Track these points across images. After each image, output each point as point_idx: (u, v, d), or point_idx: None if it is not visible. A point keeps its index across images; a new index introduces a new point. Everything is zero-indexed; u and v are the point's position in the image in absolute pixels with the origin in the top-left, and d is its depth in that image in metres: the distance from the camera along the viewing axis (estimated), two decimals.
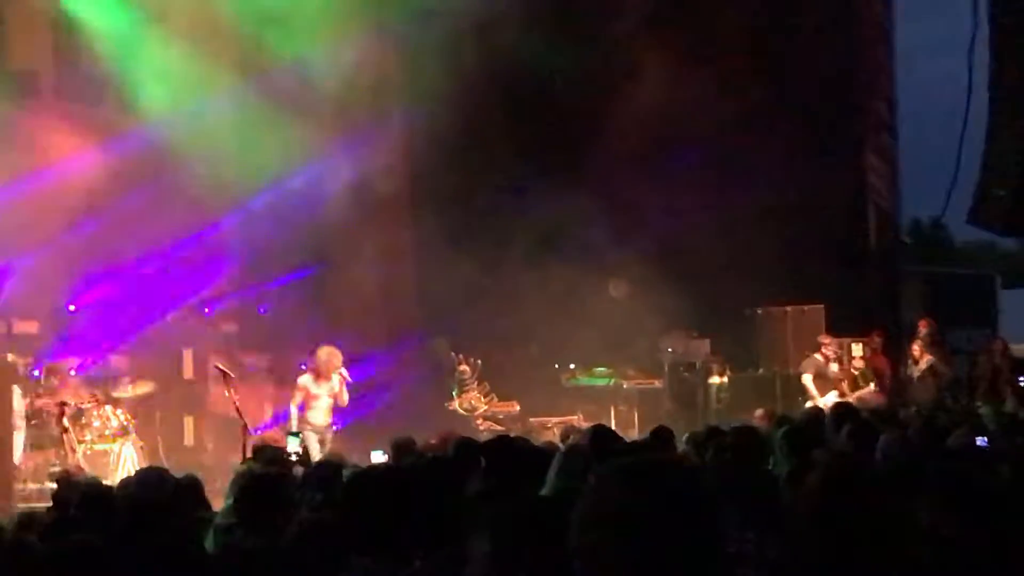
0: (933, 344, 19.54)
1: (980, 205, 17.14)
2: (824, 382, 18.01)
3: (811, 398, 17.57)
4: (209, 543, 6.13)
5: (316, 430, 14.97)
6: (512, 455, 7.70)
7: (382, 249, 19.47)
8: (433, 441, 10.78)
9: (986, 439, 8.88)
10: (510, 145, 19.50)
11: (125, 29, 17.44)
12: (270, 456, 10.17)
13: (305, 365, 17.12)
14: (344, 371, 15.28)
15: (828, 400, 17.00)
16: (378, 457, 11.68)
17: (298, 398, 15.15)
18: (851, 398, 17.66)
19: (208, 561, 5.32)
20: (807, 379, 18.06)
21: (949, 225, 47.01)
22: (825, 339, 18.48)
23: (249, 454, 12.37)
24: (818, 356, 18.24)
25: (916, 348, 19.34)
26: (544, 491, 6.56)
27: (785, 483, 6.88)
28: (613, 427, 13.44)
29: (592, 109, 19.90)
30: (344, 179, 18.15)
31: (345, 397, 15.35)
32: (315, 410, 15.11)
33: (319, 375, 15.20)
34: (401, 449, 10.34)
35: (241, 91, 17.42)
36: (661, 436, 9.81)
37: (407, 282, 20.05)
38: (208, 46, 16.87)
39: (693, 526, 2.40)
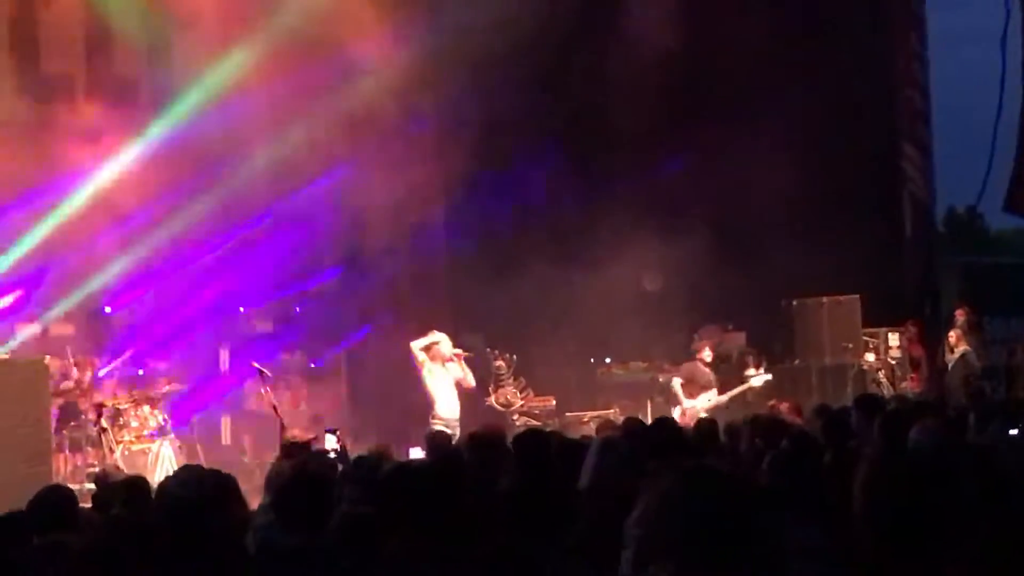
0: (970, 332, 19.43)
1: (1016, 193, 17.05)
2: (693, 387, 17.56)
3: (675, 403, 17.18)
4: (248, 542, 6.13)
5: (447, 424, 14.14)
6: (546, 448, 7.70)
7: (414, 244, 19.49)
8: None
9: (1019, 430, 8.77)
10: (543, 135, 19.47)
11: (157, 30, 17.49)
12: (301, 453, 10.18)
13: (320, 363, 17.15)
14: (460, 351, 14.81)
15: (698, 404, 16.70)
16: (416, 455, 11.69)
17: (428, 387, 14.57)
18: (887, 386, 17.54)
19: (248, 559, 5.31)
20: (675, 384, 17.52)
21: (985, 213, 46.79)
22: (700, 345, 17.96)
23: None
24: (696, 363, 17.61)
25: (953, 336, 19.23)
26: (582, 484, 6.54)
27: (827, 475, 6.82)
28: (649, 421, 13.37)
29: (625, 99, 19.81)
30: (375, 177, 18.15)
31: (471, 379, 14.88)
32: (440, 402, 14.54)
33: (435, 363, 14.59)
34: (437, 445, 10.34)
35: (273, 90, 17.43)
36: (703, 429, 9.77)
37: (440, 278, 20.05)
38: (240, 46, 16.89)
39: (744, 530, 2.41)
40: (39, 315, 16.83)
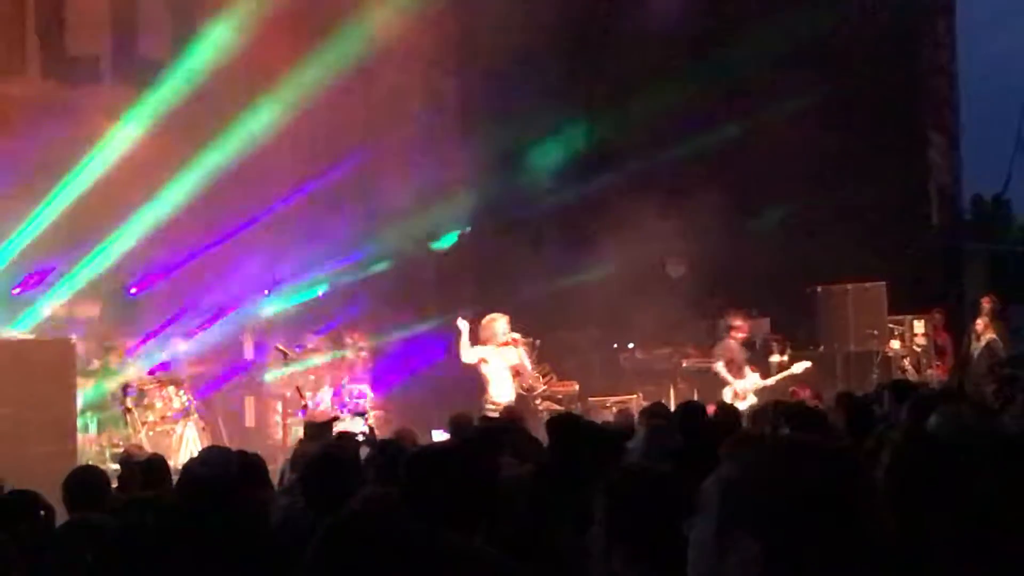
0: (995, 320, 19.35)
1: None
2: (736, 367, 17.39)
3: (726, 383, 17.02)
4: (272, 521, 6.16)
5: (498, 409, 13.35)
6: (578, 432, 7.69)
7: (437, 229, 19.53)
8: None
9: None
10: (566, 118, 19.47)
11: (184, 17, 17.52)
12: (322, 432, 10.21)
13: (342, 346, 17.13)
14: (517, 335, 14.36)
15: (747, 384, 16.60)
16: (439, 437, 11.71)
17: (483, 371, 14.11)
18: (912, 372, 17.51)
19: (274, 537, 5.33)
20: (719, 367, 17.41)
21: (1012, 201, 46.44)
22: (735, 321, 17.79)
23: (300, 432, 12.46)
24: (730, 341, 17.42)
25: (980, 324, 19.16)
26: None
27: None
28: (673, 407, 13.36)
29: (648, 82, 19.78)
30: (399, 161, 18.16)
31: (527, 364, 14.47)
32: (493, 385, 14.11)
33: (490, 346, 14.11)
34: (460, 426, 10.35)
35: (300, 74, 17.43)
36: (727, 413, 9.77)
37: (464, 261, 20.06)
38: (265, 31, 16.90)
39: (860, 507, 2.35)
40: (65, 295, 16.90)
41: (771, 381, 16.88)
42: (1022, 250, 34.14)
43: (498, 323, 14.21)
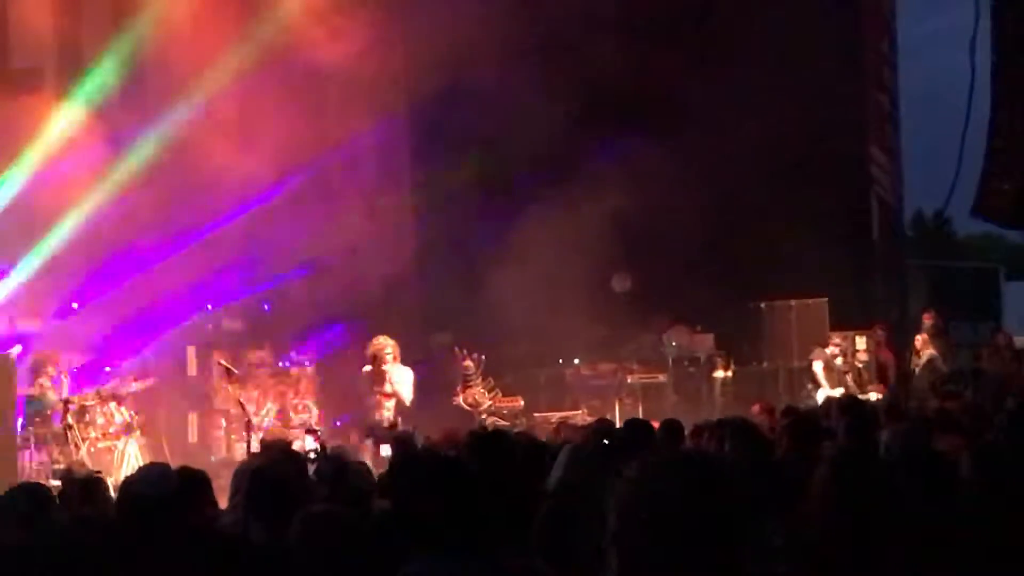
0: (936, 336, 19.53)
1: (984, 198, 17.15)
2: (832, 375, 17.93)
3: (820, 386, 17.50)
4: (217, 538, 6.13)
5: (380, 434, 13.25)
6: (507, 449, 7.71)
7: (383, 243, 19.47)
8: (435, 438, 10.74)
9: None
10: (511, 142, 19.49)
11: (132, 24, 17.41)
12: (279, 452, 10.16)
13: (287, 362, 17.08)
14: (390, 367, 13.58)
15: (837, 392, 16.95)
16: (386, 451, 11.71)
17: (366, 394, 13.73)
18: (852, 387, 17.72)
19: (216, 556, 5.31)
20: (818, 367, 17.92)
21: (953, 218, 47.06)
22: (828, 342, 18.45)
23: (254, 449, 12.39)
24: (827, 350, 18.15)
25: (919, 340, 19.33)
26: (549, 484, 6.56)
27: (791, 475, 6.86)
28: (618, 422, 13.43)
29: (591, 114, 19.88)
30: (346, 174, 18.14)
31: (405, 393, 13.57)
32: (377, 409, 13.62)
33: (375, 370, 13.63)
34: (402, 444, 10.36)
35: (246, 93, 17.38)
36: (672, 429, 9.78)
37: (409, 277, 20.05)
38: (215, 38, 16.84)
39: (728, 517, 2.43)
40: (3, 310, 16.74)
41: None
42: (963, 266, 34.56)
43: (386, 348, 13.67)
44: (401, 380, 13.63)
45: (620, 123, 19.32)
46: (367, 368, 13.69)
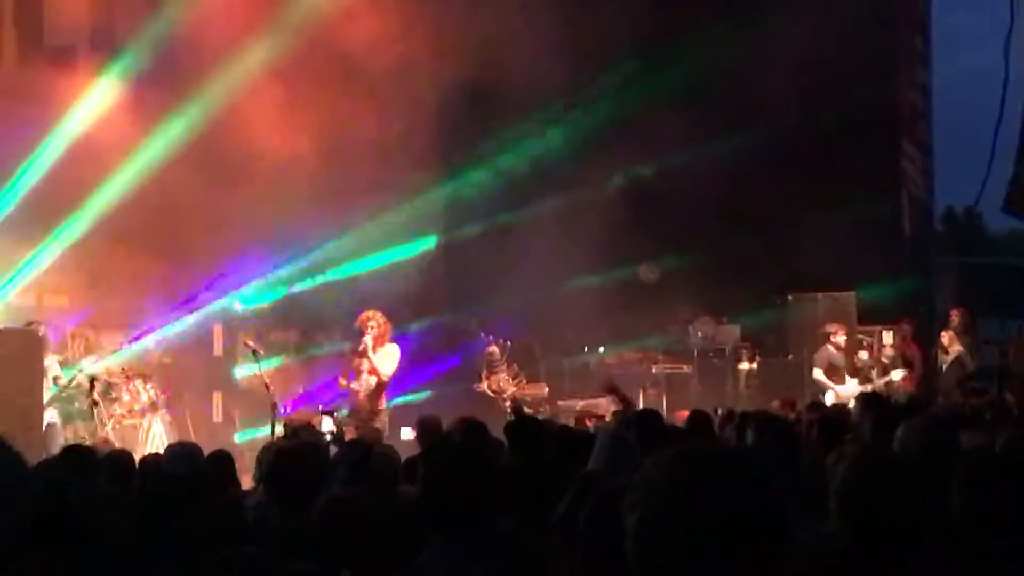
0: (963, 333, 19.45)
1: (1014, 194, 17.05)
2: (838, 373, 17.76)
3: (827, 389, 17.35)
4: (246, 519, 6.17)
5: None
6: (538, 435, 7.72)
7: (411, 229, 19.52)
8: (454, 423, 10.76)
9: None
10: (540, 120, 19.52)
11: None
12: (302, 434, 10.20)
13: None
14: (369, 338, 13.90)
15: (848, 389, 16.86)
16: (407, 434, 11.75)
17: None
18: (879, 384, 17.63)
19: (242, 536, 5.33)
20: (818, 374, 17.77)
21: (983, 214, 46.81)
22: (832, 327, 18.24)
23: (278, 431, 12.44)
24: (829, 347, 17.97)
25: (947, 337, 19.26)
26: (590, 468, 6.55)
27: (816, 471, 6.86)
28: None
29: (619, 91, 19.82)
30: (375, 157, 18.13)
31: (385, 369, 13.87)
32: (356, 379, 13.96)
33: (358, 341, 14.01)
34: (427, 428, 10.38)
35: (278, 69, 17.41)
36: (699, 421, 9.78)
37: (437, 262, 20.06)
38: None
39: (753, 511, 2.38)
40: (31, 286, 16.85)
41: (869, 387, 17.01)
42: (992, 262, 34.36)
43: (370, 321, 13.99)
44: (385, 356, 13.91)
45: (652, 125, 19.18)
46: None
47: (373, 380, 13.92)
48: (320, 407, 15.04)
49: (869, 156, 20.90)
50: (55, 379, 14.94)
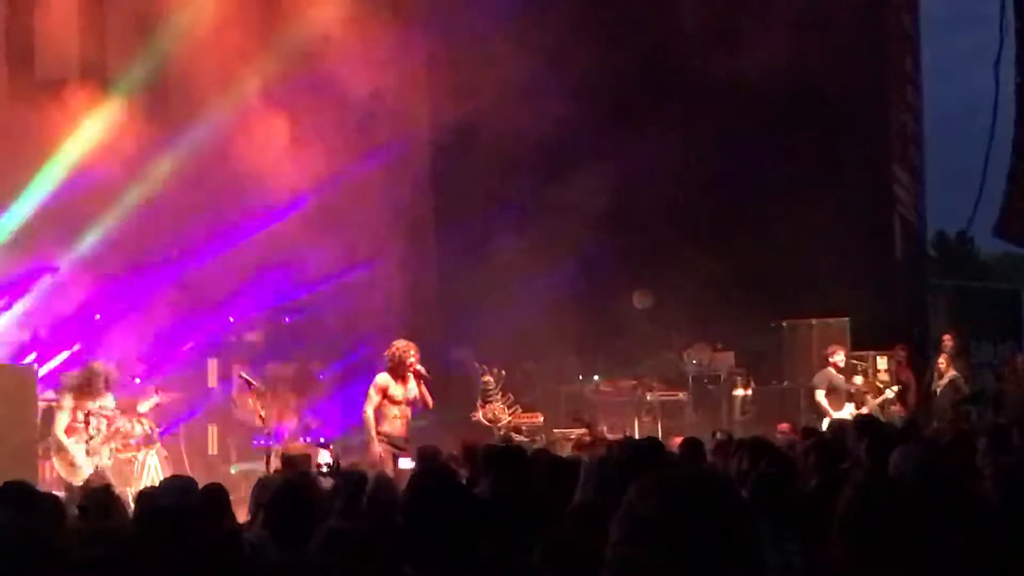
0: (956, 357, 19.48)
1: (1006, 218, 17.13)
2: (837, 396, 17.71)
3: (825, 414, 17.25)
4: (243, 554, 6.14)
5: (394, 442, 13.09)
6: (523, 464, 7.71)
7: (405, 258, 19.51)
8: (455, 453, 10.77)
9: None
10: (533, 157, 19.53)
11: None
12: (297, 467, 10.19)
13: (323, 375, 17.05)
14: (420, 367, 13.33)
15: (844, 414, 16.83)
16: (406, 464, 11.72)
17: (374, 401, 13.18)
18: (874, 404, 17.62)
19: (238, 571, 5.31)
20: (820, 395, 17.73)
21: (975, 238, 46.95)
22: (831, 348, 18.18)
23: (274, 463, 12.40)
24: (829, 369, 17.95)
25: (942, 361, 19.28)
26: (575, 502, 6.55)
27: (815, 496, 6.86)
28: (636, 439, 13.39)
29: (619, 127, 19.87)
30: (369, 188, 18.14)
31: (428, 399, 13.43)
32: (389, 419, 13.25)
33: (396, 375, 13.26)
34: (426, 458, 10.37)
35: (271, 106, 17.45)
36: (692, 447, 9.76)
37: (431, 291, 20.07)
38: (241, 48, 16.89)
39: (732, 537, 2.39)
40: (26, 322, 16.81)
41: (865, 410, 16.99)
42: (985, 286, 34.42)
43: (410, 351, 13.37)
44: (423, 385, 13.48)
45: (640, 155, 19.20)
46: (382, 376, 13.39)
47: (408, 411, 13.40)
48: (322, 440, 15.04)
49: (860, 180, 20.95)
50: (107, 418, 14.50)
